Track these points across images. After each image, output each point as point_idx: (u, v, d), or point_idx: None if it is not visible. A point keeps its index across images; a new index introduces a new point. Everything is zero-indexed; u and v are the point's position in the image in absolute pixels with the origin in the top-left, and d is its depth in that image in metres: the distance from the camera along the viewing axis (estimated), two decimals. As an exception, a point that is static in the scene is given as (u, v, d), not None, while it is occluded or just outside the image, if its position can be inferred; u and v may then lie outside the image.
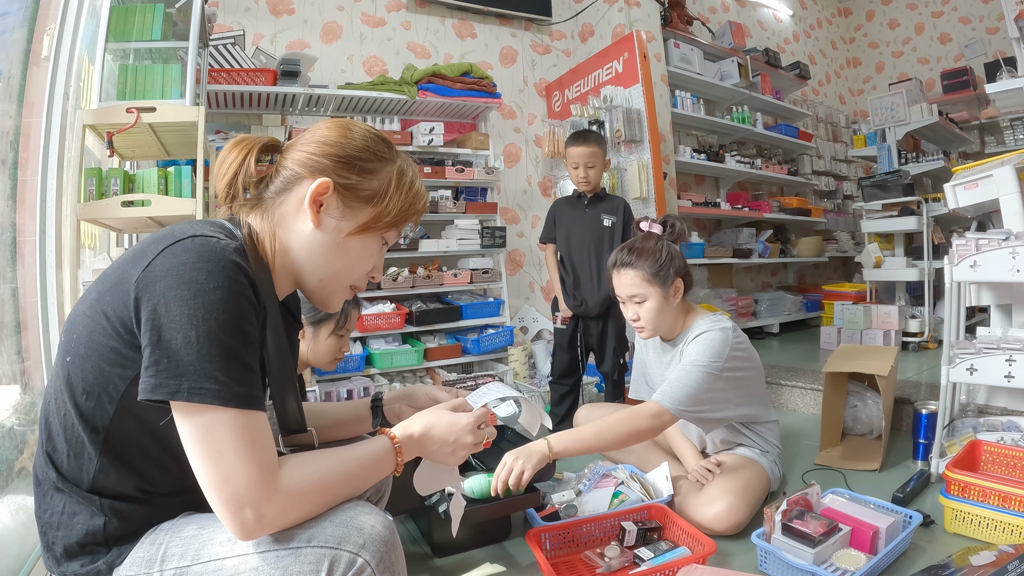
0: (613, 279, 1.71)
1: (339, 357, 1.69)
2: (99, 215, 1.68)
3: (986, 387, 1.96)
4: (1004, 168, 1.90)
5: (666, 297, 1.65)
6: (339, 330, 1.64)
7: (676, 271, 1.65)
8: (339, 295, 0.88)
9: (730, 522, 1.51)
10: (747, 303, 4.17)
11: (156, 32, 1.90)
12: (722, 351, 1.56)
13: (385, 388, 2.82)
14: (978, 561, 1.19)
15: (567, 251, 2.46)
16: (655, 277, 1.63)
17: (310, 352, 1.63)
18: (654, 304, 1.64)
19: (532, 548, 1.38)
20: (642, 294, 1.64)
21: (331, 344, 1.64)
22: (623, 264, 1.67)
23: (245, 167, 0.80)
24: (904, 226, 3.55)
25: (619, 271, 1.68)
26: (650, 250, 1.65)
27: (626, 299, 1.68)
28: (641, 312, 1.66)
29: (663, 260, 1.63)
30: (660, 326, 1.69)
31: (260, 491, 0.66)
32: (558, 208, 2.52)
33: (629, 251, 1.67)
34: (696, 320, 1.69)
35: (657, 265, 1.63)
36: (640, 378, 1.94)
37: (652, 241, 1.68)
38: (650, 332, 1.69)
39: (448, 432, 0.87)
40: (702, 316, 1.70)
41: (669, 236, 1.71)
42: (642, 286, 1.63)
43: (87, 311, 0.72)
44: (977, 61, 4.98)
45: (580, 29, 3.91)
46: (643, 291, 1.63)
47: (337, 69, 3.25)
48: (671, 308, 1.67)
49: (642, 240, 1.70)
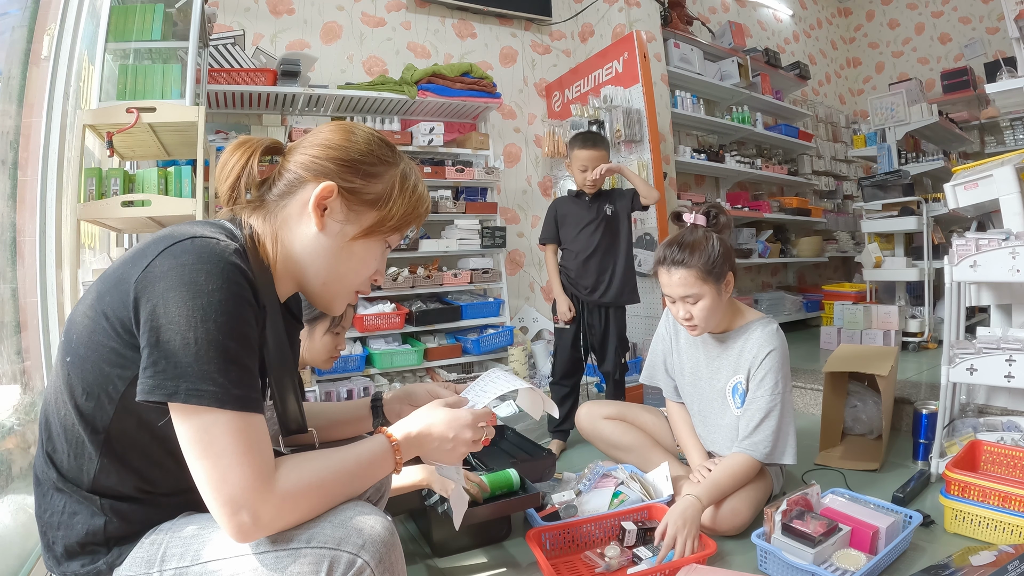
0: (661, 277, 1.60)
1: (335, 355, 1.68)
2: (99, 215, 1.68)
3: (986, 387, 1.96)
4: (1004, 168, 1.90)
5: (719, 293, 1.56)
6: (335, 328, 1.64)
7: (728, 265, 1.57)
8: (342, 299, 0.88)
9: (732, 523, 1.51)
10: (747, 303, 4.16)
11: (156, 32, 1.90)
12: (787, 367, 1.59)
13: (385, 388, 2.82)
14: (978, 561, 1.19)
15: (574, 245, 2.39)
16: (709, 275, 1.53)
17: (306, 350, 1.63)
18: (708, 302, 1.55)
19: (532, 548, 1.38)
20: (696, 293, 1.54)
21: (327, 342, 1.64)
22: (674, 262, 1.55)
23: (248, 169, 0.80)
24: (904, 226, 3.55)
25: (669, 269, 1.56)
26: (700, 245, 1.54)
27: (677, 299, 1.58)
28: (695, 311, 1.56)
29: (716, 256, 1.53)
30: (712, 323, 1.61)
31: (257, 493, 0.66)
32: (559, 207, 2.44)
33: (680, 247, 1.55)
34: (745, 314, 1.67)
35: (710, 261, 1.53)
36: (658, 366, 1.86)
37: (700, 234, 1.57)
38: (702, 330, 1.61)
39: (447, 429, 0.86)
40: (747, 309, 1.69)
41: (714, 227, 1.61)
42: (696, 285, 1.53)
43: (87, 311, 0.72)
44: (977, 61, 4.98)
45: (580, 29, 3.91)
46: (697, 290, 1.54)
47: (337, 69, 3.25)
48: (723, 304, 1.61)
49: (689, 234, 1.58)
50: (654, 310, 3.09)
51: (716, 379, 1.68)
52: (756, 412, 1.56)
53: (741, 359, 1.63)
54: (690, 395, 1.78)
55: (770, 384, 1.56)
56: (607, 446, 1.93)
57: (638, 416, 1.95)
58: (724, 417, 1.67)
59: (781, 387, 1.56)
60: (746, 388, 1.61)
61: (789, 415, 1.59)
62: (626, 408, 1.99)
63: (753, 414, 1.57)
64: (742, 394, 1.62)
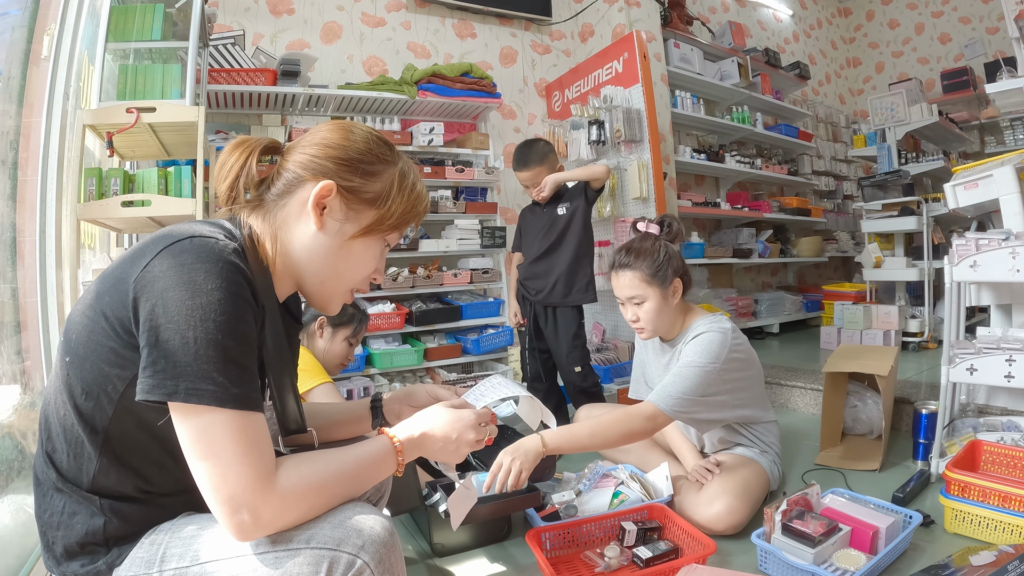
0: (612, 280, 1.70)
1: (345, 364, 1.84)
2: (99, 215, 1.68)
3: (986, 387, 1.96)
4: (1004, 168, 1.90)
5: (665, 297, 1.65)
6: (352, 338, 1.82)
7: (675, 271, 1.65)
8: (339, 298, 0.88)
9: (730, 522, 1.51)
10: (747, 303, 4.17)
11: (156, 32, 1.90)
12: (720, 352, 1.56)
13: (385, 388, 2.82)
14: (978, 561, 1.19)
15: (527, 252, 2.48)
16: (653, 278, 1.63)
17: (326, 352, 1.76)
18: (653, 305, 1.64)
19: (532, 548, 1.38)
20: (641, 295, 1.64)
21: (343, 349, 1.81)
22: (621, 265, 1.66)
23: (247, 169, 0.80)
24: (904, 226, 3.55)
25: (617, 272, 1.68)
26: (648, 250, 1.65)
27: (625, 300, 1.68)
28: (640, 313, 1.66)
29: (661, 260, 1.63)
30: (659, 326, 1.69)
31: (257, 493, 0.66)
32: (522, 217, 2.57)
33: (627, 252, 1.67)
34: (695, 320, 1.69)
35: (655, 265, 1.63)
36: (640, 378, 1.93)
37: (650, 241, 1.67)
38: (650, 333, 1.69)
39: (450, 430, 0.86)
40: (701, 316, 1.70)
41: (667, 236, 1.70)
42: (640, 287, 1.63)
43: (86, 311, 0.72)
44: (977, 61, 4.98)
45: (580, 29, 3.91)
46: (642, 292, 1.64)
47: (337, 69, 3.25)
48: (670, 308, 1.67)
49: (640, 240, 1.69)
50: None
51: None
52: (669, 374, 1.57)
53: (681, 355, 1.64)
54: None
55: (688, 355, 1.57)
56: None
57: (638, 416, 1.96)
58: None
59: (703, 361, 1.54)
60: None
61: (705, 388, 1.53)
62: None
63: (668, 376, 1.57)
64: None
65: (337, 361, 1.80)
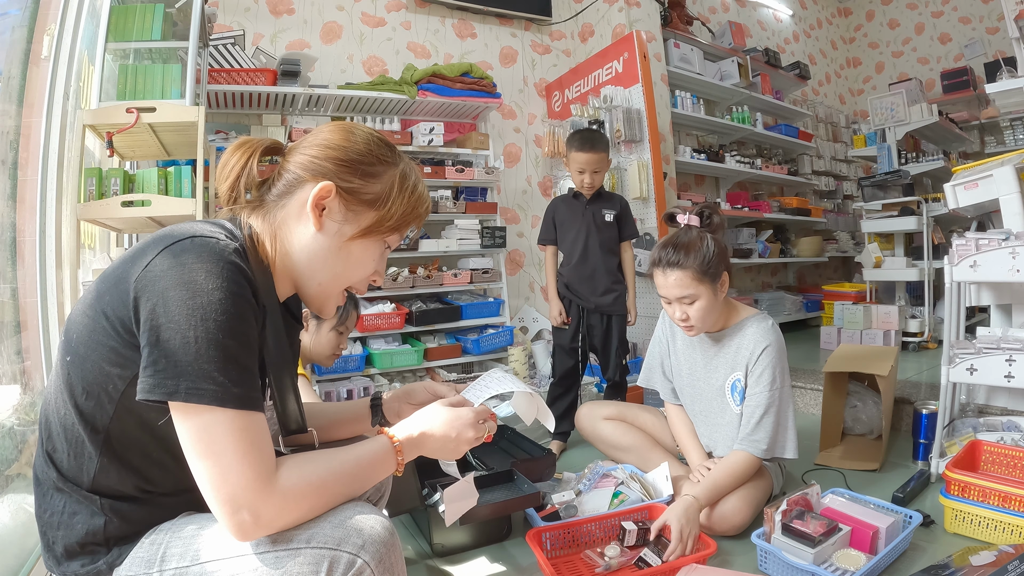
0: (656, 278, 1.60)
1: (337, 353, 1.74)
2: (99, 215, 1.68)
3: (986, 387, 1.96)
4: (1004, 168, 1.90)
5: (715, 293, 1.57)
6: (339, 326, 1.70)
7: (724, 265, 1.58)
8: (335, 300, 0.88)
9: (732, 523, 1.51)
10: (747, 303, 4.16)
11: (156, 32, 1.90)
12: (784, 363, 1.59)
13: (385, 388, 2.82)
14: (978, 561, 1.19)
15: (569, 249, 2.37)
16: (704, 275, 1.53)
17: (312, 344, 1.69)
18: (704, 303, 1.55)
19: (532, 548, 1.38)
20: (692, 294, 1.54)
21: (331, 339, 1.71)
22: (670, 264, 1.55)
23: (248, 170, 0.80)
24: (904, 226, 3.55)
25: (665, 271, 1.57)
26: (695, 246, 1.54)
27: (673, 300, 1.58)
28: (691, 312, 1.56)
29: (711, 256, 1.54)
30: (708, 323, 1.61)
31: (257, 492, 0.66)
32: (557, 208, 2.41)
33: (675, 249, 1.55)
34: (742, 314, 1.67)
35: (705, 263, 1.53)
36: (656, 368, 1.86)
37: (694, 234, 1.57)
38: (699, 331, 1.62)
39: (449, 428, 0.87)
40: (744, 308, 1.69)
41: (707, 227, 1.60)
42: (692, 286, 1.53)
43: (87, 311, 0.72)
44: (977, 61, 4.98)
45: (580, 29, 3.91)
46: (693, 291, 1.54)
47: (337, 69, 3.25)
48: (720, 304, 1.61)
49: (684, 234, 1.58)
50: (652, 310, 3.09)
51: (714, 378, 1.69)
52: (755, 409, 1.57)
53: (738, 356, 1.63)
54: (689, 395, 1.77)
55: (767, 380, 1.56)
56: (607, 446, 1.93)
57: (638, 416, 1.95)
58: (724, 416, 1.67)
59: (779, 382, 1.57)
60: (744, 385, 1.61)
61: (788, 409, 1.60)
62: (626, 408, 1.99)
63: (752, 411, 1.57)
64: (741, 391, 1.62)
65: (328, 352, 1.71)
